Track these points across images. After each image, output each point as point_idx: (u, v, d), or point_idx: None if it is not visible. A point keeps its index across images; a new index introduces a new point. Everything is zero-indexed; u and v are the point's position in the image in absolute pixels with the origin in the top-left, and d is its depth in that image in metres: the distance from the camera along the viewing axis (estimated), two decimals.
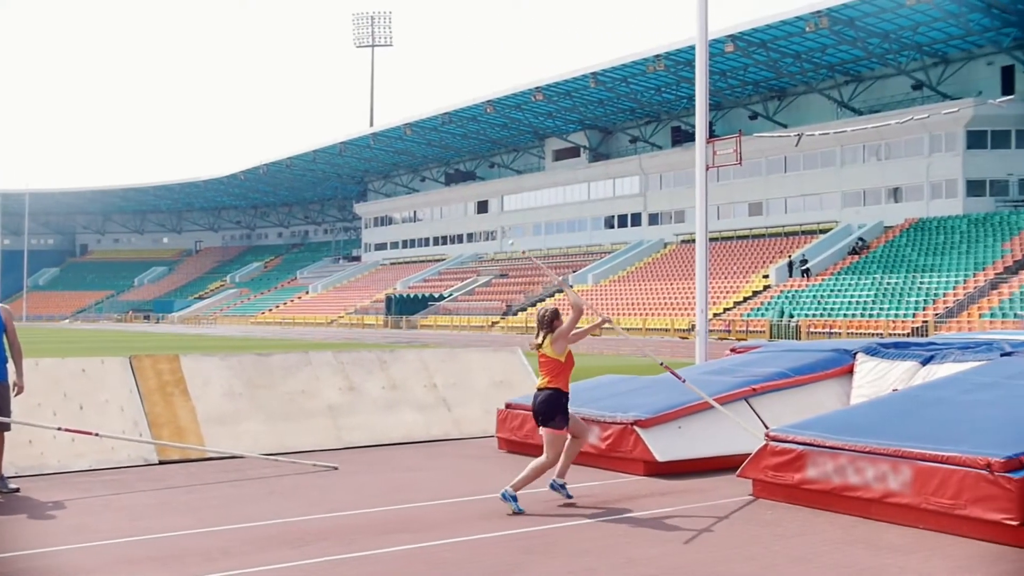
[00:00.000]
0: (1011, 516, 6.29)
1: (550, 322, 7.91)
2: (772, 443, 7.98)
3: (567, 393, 7.91)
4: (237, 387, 10.96)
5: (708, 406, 9.63)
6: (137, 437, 9.85)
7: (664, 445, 9.19)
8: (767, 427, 9.12)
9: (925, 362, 10.25)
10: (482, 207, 79.80)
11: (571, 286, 8.29)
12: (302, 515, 7.51)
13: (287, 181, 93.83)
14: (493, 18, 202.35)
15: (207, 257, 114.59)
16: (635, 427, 9.23)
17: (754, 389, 10.08)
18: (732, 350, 12.81)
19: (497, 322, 60.03)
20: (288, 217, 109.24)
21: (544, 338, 7.90)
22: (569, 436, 7.96)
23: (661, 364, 9.27)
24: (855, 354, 10.90)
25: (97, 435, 9.09)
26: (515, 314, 60.58)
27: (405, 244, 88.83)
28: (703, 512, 7.57)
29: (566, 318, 7.94)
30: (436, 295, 69.83)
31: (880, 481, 7.09)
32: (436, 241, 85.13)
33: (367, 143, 77.74)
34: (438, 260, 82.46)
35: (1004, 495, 6.33)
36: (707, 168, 11.87)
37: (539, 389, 7.93)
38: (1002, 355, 9.75)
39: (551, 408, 7.79)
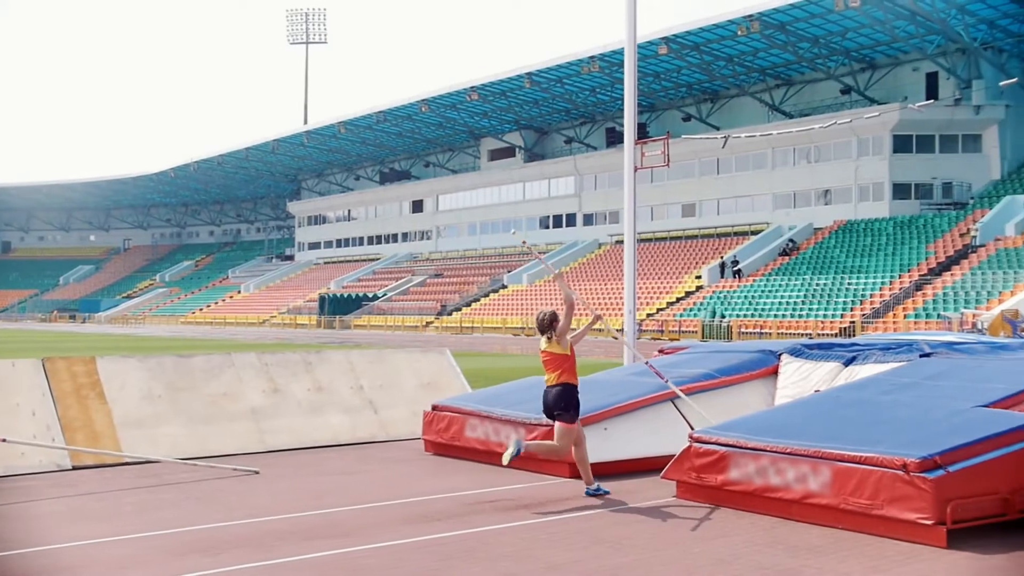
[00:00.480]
0: (926, 515, 6.37)
1: (551, 323, 8.28)
2: (695, 445, 7.99)
3: (577, 386, 8.28)
4: (156, 389, 10.68)
5: (635, 407, 9.64)
6: (49, 442, 9.54)
7: (590, 447, 9.14)
8: (692, 428, 9.15)
9: (848, 363, 10.37)
10: (417, 206, 79.46)
11: (561, 275, 8.42)
12: (219, 521, 7.32)
13: (219, 179, 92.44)
14: (428, 17, 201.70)
15: (136, 256, 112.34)
16: None
17: (680, 390, 10.09)
18: (660, 351, 12.85)
19: (431, 322, 59.81)
20: (220, 215, 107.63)
21: (548, 339, 8.27)
22: (556, 436, 8.30)
23: (646, 363, 9.36)
24: (780, 355, 10.99)
25: (3, 440, 8.78)
26: (449, 314, 60.42)
27: (339, 243, 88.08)
28: (627, 514, 7.55)
29: (561, 315, 8.29)
30: (370, 295, 69.35)
31: (800, 482, 7.14)
32: (370, 240, 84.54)
33: (300, 141, 76.93)
34: (372, 260, 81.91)
35: (919, 495, 6.41)
36: (635, 169, 11.87)
37: (550, 386, 8.27)
38: (921, 356, 9.91)
39: (566, 401, 8.16)
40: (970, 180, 49.22)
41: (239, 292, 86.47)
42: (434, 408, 10.80)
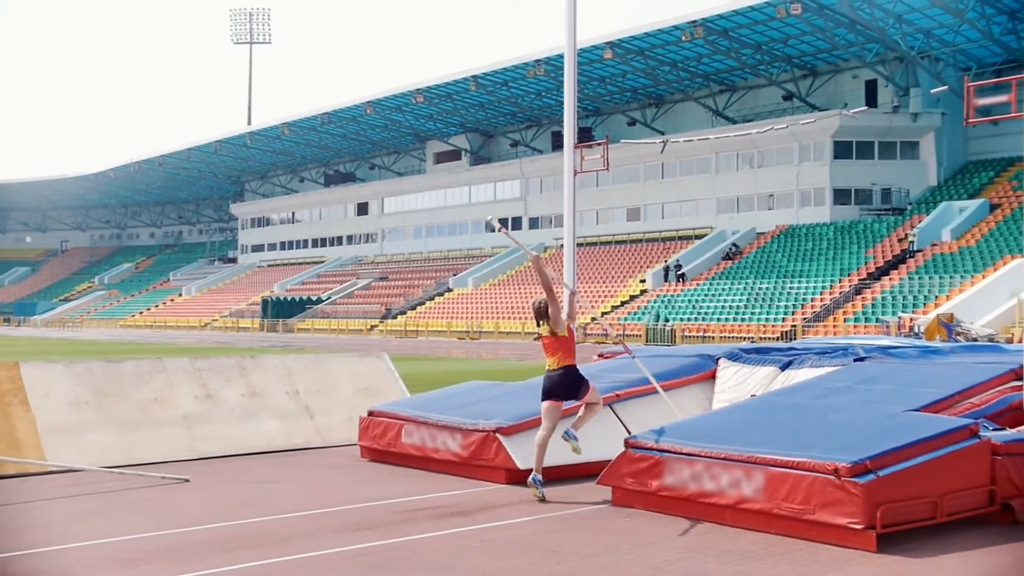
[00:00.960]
0: (856, 520, 6.38)
1: (546, 311, 8.48)
2: (631, 450, 7.95)
3: (576, 366, 8.54)
4: (84, 396, 10.39)
5: (571, 412, 9.57)
6: None
7: (527, 452, 9.06)
8: (630, 433, 9.12)
9: (784, 367, 10.42)
10: (362, 209, 78.94)
11: (538, 258, 8.47)
12: (143, 532, 7.11)
13: (160, 180, 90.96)
14: (374, 18, 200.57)
15: (74, 257, 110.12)
16: (497, 434, 9.10)
17: (618, 395, 10.06)
18: (600, 355, 12.83)
19: (376, 326, 59.43)
20: (161, 217, 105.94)
21: (544, 325, 8.48)
22: (584, 405, 8.57)
23: (617, 337, 9.34)
24: (718, 360, 11.01)
25: None
26: (394, 317, 60.09)
27: (283, 246, 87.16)
28: (562, 521, 7.48)
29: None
30: (314, 298, 68.72)
31: (734, 487, 7.12)
32: (315, 243, 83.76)
33: (244, 142, 76.04)
34: (317, 262, 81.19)
35: (850, 500, 6.42)
36: (575, 173, 11.83)
37: (551, 370, 8.45)
38: (856, 360, 9.98)
39: (573, 383, 8.44)
40: (908, 186, 50.10)
41: (180, 295, 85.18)
42: (370, 414, 10.65)
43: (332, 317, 64.03)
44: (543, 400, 8.47)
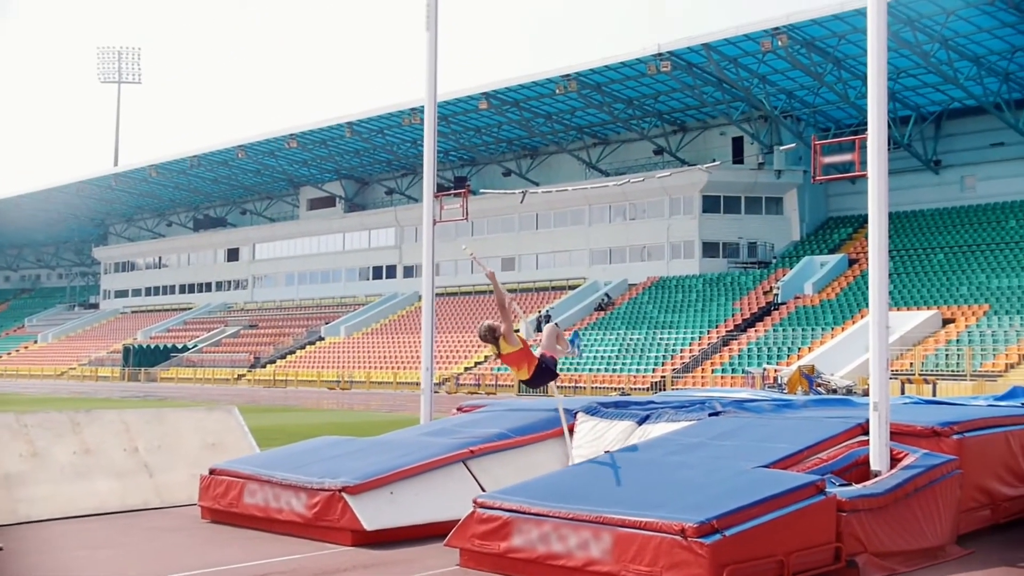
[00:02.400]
0: None
1: (494, 334, 8.89)
2: (479, 510, 7.65)
3: (548, 358, 9.18)
4: None
5: (425, 468, 9.23)
6: None
7: (374, 513, 8.67)
8: (484, 491, 8.82)
9: (641, 421, 10.31)
10: (233, 255, 77.00)
11: (493, 274, 8.47)
12: None
13: (16, 221, 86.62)
14: (249, 61, 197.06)
15: None
16: (343, 494, 8.67)
17: (472, 451, 9.77)
18: (459, 408, 12.53)
19: (244, 375, 57.74)
20: (17, 260, 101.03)
21: (498, 347, 8.92)
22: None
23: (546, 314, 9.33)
24: (575, 414, 10.84)
25: None
26: (263, 366, 58.52)
27: (149, 291, 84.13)
28: None
29: (497, 322, 9.03)
30: (180, 346, 66.42)
31: (582, 549, 6.88)
32: (183, 289, 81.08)
33: (109, 184, 73.41)
34: (184, 309, 78.62)
35: (696, 561, 6.26)
36: (434, 223, 11.63)
37: (524, 380, 9.27)
38: (711, 414, 9.94)
39: (545, 371, 9.19)
40: (773, 240, 51.71)
41: (36, 342, 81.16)
42: (211, 472, 10.06)
43: (198, 366, 61.94)
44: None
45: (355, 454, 9.98)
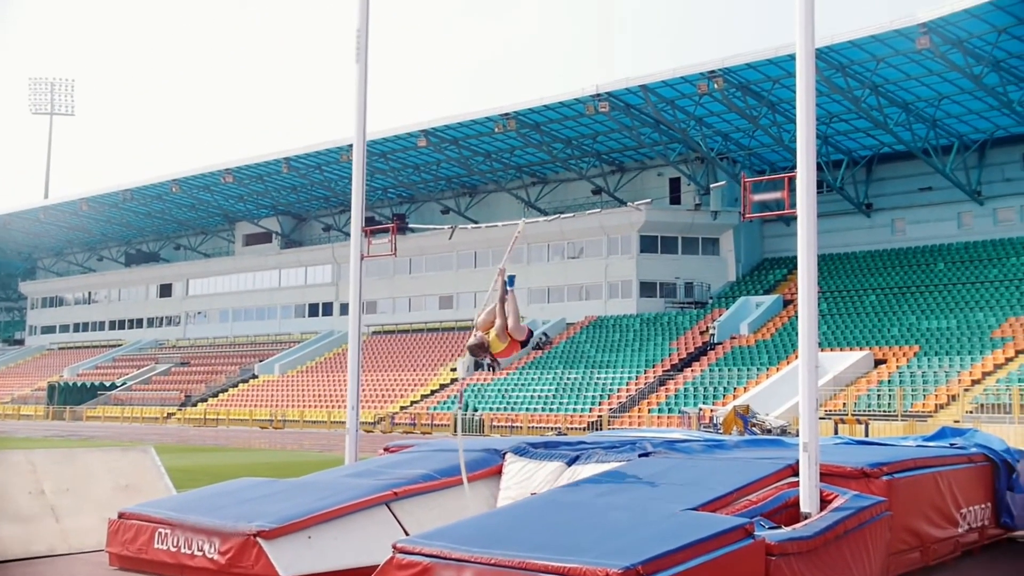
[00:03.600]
0: None
1: (484, 349, 9.67)
2: (399, 555, 7.31)
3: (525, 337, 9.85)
4: None
5: (345, 511, 8.87)
6: None
7: (291, 558, 8.28)
8: (407, 535, 8.50)
9: (571, 462, 10.08)
10: (165, 290, 75.54)
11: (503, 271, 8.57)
12: None
13: None
14: (184, 95, 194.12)
15: None
16: (258, 538, 8.26)
17: (395, 493, 9.42)
18: (386, 449, 12.18)
19: (174, 413, 56.42)
20: None
21: (490, 352, 9.63)
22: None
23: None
24: (504, 454, 10.57)
25: None
26: (194, 405, 57.27)
27: (77, 328, 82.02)
28: None
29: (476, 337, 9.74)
30: (108, 383, 64.76)
31: None
32: (113, 325, 79.19)
33: (37, 216, 71.71)
34: (114, 346, 76.76)
35: None
36: (362, 257, 11.36)
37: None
38: (641, 455, 9.74)
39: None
40: (710, 281, 52.15)
41: None
42: (120, 516, 9.56)
43: (127, 404, 60.40)
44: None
45: (274, 496, 9.58)
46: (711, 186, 47.40)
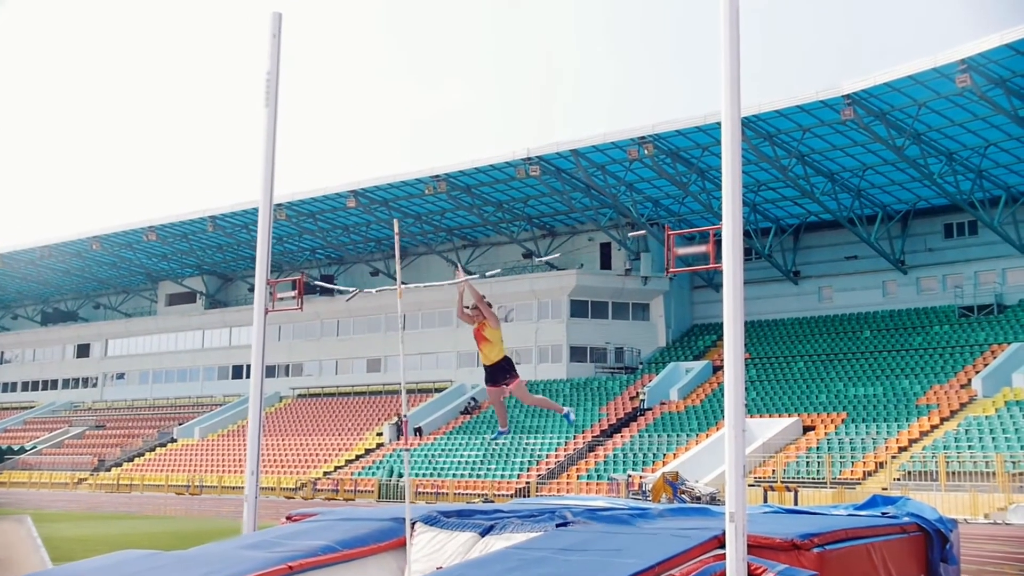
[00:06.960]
0: None
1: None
2: None
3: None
4: None
5: None
6: None
7: None
8: None
9: (484, 533, 9.35)
10: (83, 351, 73.13)
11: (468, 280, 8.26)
12: None
13: None
14: (104, 149, 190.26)
15: None
16: None
17: (291, 567, 8.58)
18: (288, 517, 11.31)
19: (85, 479, 54.11)
20: None
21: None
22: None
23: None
24: (414, 523, 9.80)
25: None
26: (108, 470, 55.06)
27: None
28: None
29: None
30: (16, 447, 62.05)
31: None
32: (25, 386, 76.26)
33: None
34: (26, 407, 73.79)
35: None
36: (266, 312, 10.65)
37: (488, 365, 11.27)
38: (559, 525, 9.07)
39: (509, 370, 11.34)
40: (640, 346, 51.97)
41: None
42: None
43: (36, 469, 57.84)
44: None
45: (155, 571, 8.67)
46: (631, 234, 47.97)
